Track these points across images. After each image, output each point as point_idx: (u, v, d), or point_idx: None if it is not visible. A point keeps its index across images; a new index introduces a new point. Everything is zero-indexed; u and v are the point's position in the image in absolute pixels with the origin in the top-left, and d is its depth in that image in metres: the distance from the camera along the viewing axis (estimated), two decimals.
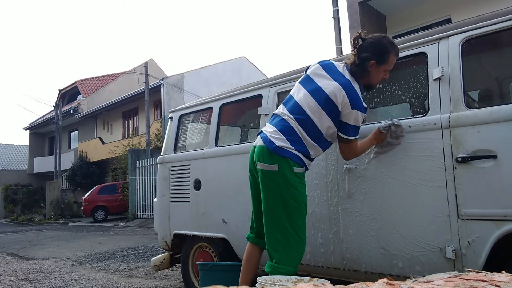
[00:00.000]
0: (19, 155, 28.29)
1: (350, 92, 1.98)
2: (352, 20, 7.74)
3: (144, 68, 16.00)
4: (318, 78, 2.09)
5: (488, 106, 1.92)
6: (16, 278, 4.52)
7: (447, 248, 1.91)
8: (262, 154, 2.04)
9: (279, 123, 2.07)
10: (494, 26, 1.90)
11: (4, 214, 22.56)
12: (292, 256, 1.99)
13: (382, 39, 2.05)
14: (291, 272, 1.99)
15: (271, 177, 2.01)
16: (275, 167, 1.99)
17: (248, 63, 20.02)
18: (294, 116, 2.04)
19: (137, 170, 13.67)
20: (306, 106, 2.04)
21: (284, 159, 1.99)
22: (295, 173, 2.00)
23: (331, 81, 2.03)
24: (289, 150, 1.99)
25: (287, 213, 1.99)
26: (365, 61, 2.03)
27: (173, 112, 3.73)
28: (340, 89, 1.98)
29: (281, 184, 1.98)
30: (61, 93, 24.82)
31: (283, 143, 2.00)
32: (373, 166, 2.21)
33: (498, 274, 1.06)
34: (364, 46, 2.05)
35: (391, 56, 2.04)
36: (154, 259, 3.63)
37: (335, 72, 2.08)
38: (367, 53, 2.02)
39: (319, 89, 2.04)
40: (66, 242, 8.65)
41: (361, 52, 2.05)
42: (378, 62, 2.03)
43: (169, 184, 3.51)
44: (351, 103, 1.96)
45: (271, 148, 2.00)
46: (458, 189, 1.90)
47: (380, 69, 2.05)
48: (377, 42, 2.04)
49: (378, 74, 2.07)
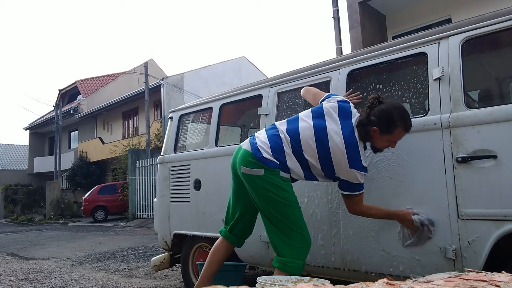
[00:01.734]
0: (19, 155, 28.28)
1: (351, 151, 1.94)
2: (352, 20, 7.74)
3: (144, 68, 16.00)
4: (330, 117, 2.04)
5: (488, 106, 1.92)
6: (16, 278, 4.52)
7: (447, 248, 1.91)
8: (248, 159, 2.06)
9: (272, 138, 2.07)
10: (494, 26, 1.90)
11: (4, 214, 22.56)
12: (298, 250, 2.01)
13: (393, 110, 1.95)
14: (300, 266, 2.00)
15: (258, 181, 2.03)
16: (261, 171, 2.01)
17: (248, 63, 20.01)
18: (291, 141, 2.03)
19: (137, 170, 13.67)
20: (303, 141, 2.02)
21: (267, 167, 2.02)
22: (281, 176, 2.03)
23: (338, 130, 1.98)
24: (274, 161, 2.02)
25: (282, 212, 2.02)
26: (369, 125, 1.97)
27: (173, 112, 3.73)
28: (342, 143, 1.95)
29: (269, 186, 2.01)
30: (61, 93, 24.81)
31: (269, 157, 2.02)
32: (373, 167, 2.21)
33: (498, 274, 1.06)
34: (375, 110, 1.99)
35: (398, 129, 1.95)
36: (154, 259, 3.63)
37: (346, 122, 2.01)
38: (375, 118, 1.97)
39: (324, 131, 1.99)
40: (66, 242, 8.65)
41: (371, 114, 1.99)
42: (382, 131, 1.96)
43: (169, 184, 3.51)
44: (349, 161, 1.93)
45: (256, 157, 2.03)
46: (458, 189, 1.90)
47: (384, 138, 1.98)
48: (388, 112, 1.96)
49: (381, 142, 2.01)
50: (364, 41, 7.41)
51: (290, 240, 2.00)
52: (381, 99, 2.02)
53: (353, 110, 2.07)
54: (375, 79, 2.59)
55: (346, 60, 2.49)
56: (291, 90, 2.78)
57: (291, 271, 1.97)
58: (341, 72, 2.47)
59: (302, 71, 2.73)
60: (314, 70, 2.64)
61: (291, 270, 1.97)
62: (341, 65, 2.49)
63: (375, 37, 7.66)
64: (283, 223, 2.01)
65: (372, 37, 7.61)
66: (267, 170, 2.00)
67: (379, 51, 2.33)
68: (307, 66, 2.76)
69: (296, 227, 2.02)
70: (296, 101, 2.88)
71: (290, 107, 2.88)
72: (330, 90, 2.49)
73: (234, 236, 2.34)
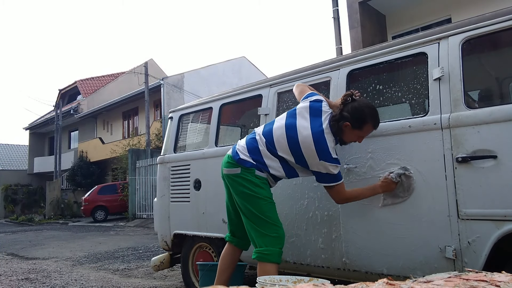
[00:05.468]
0: (19, 155, 28.28)
1: (319, 143, 2.07)
2: (352, 20, 7.74)
3: (144, 68, 15.99)
4: (301, 116, 2.19)
5: (488, 106, 1.92)
6: (16, 278, 4.52)
7: (447, 248, 1.91)
8: (228, 161, 2.30)
9: (249, 142, 2.28)
10: (494, 26, 1.90)
11: (4, 214, 22.55)
12: (272, 239, 2.15)
13: (365, 108, 2.11)
14: (276, 252, 2.13)
15: (236, 179, 2.24)
16: (238, 170, 2.23)
17: (248, 63, 20.01)
18: (265, 141, 2.22)
19: (137, 170, 13.66)
20: (276, 140, 2.19)
21: (244, 166, 2.22)
22: (256, 175, 2.20)
23: (307, 126, 2.13)
24: (250, 161, 2.21)
25: (256, 206, 2.18)
26: (341, 120, 2.11)
27: (173, 112, 3.73)
28: (310, 138, 2.09)
29: (245, 183, 2.20)
30: (61, 93, 24.81)
31: (245, 158, 2.22)
32: (373, 167, 2.21)
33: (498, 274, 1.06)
34: (348, 107, 2.13)
35: (368, 125, 2.11)
36: (154, 259, 3.63)
37: (316, 119, 2.15)
38: (347, 114, 2.10)
39: (294, 130, 2.15)
40: (66, 242, 8.65)
41: (344, 110, 2.13)
42: (353, 126, 2.10)
43: (169, 184, 3.51)
44: (318, 154, 2.06)
45: (235, 159, 2.25)
46: (458, 189, 1.90)
47: (354, 133, 2.13)
48: (360, 109, 2.10)
49: (351, 136, 2.16)
50: (364, 41, 7.41)
51: (264, 231, 2.16)
52: (355, 96, 2.15)
53: (324, 108, 2.20)
54: (375, 79, 2.59)
55: (346, 60, 2.49)
56: (291, 90, 2.78)
57: (269, 259, 2.11)
58: (341, 72, 2.47)
59: (302, 71, 2.73)
60: (314, 70, 2.65)
61: (268, 258, 2.11)
62: (341, 65, 2.49)
63: (375, 37, 7.66)
64: (258, 217, 2.17)
65: (372, 37, 7.61)
66: (243, 169, 2.21)
67: (379, 51, 2.33)
68: (307, 66, 2.76)
69: (270, 219, 2.17)
70: (296, 101, 2.88)
71: (290, 107, 2.87)
72: (330, 90, 2.50)
73: (237, 239, 2.45)
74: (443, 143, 1.96)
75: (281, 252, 2.17)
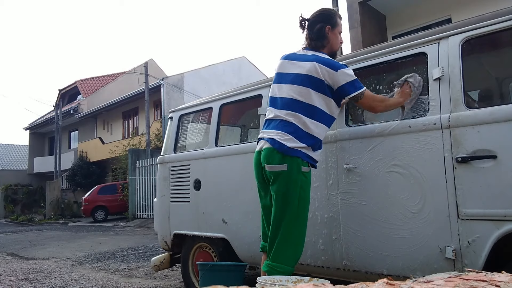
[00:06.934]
0: (19, 155, 28.28)
1: (324, 60, 2.08)
2: (352, 20, 7.74)
3: (144, 68, 15.99)
4: (290, 68, 2.18)
5: (488, 106, 1.92)
6: (16, 278, 4.52)
7: (447, 248, 1.91)
8: (271, 156, 2.04)
9: (279, 125, 2.07)
10: (494, 26, 1.90)
11: (4, 214, 22.54)
12: (289, 255, 2.01)
13: (324, 10, 2.25)
14: (288, 271, 1.99)
15: (280, 177, 2.02)
16: (284, 167, 2.00)
17: (248, 63, 20.01)
18: (289, 111, 2.07)
19: (137, 170, 13.66)
20: (294, 94, 2.09)
21: (294, 159, 2.01)
22: (302, 172, 2.03)
23: (301, 63, 2.13)
24: (300, 150, 2.02)
25: (293, 212, 2.01)
26: (321, 30, 2.17)
27: (173, 112, 3.73)
28: (314, 64, 2.07)
29: (289, 183, 2.00)
30: (61, 93, 24.81)
31: (293, 143, 2.01)
32: (373, 167, 2.21)
33: (498, 274, 1.06)
34: (312, 21, 2.21)
35: (337, 19, 2.23)
36: (154, 259, 3.63)
37: (300, 57, 2.18)
38: (320, 24, 2.18)
39: (297, 75, 2.12)
40: (66, 242, 8.65)
41: (312, 27, 2.20)
42: (332, 26, 2.19)
43: (169, 184, 3.51)
44: (331, 67, 2.06)
45: (282, 150, 2.00)
46: (458, 189, 1.90)
47: (335, 32, 2.21)
48: (323, 12, 2.23)
49: (336, 38, 2.22)
50: (364, 41, 7.41)
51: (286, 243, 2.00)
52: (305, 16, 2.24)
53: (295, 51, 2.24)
54: (375, 79, 2.59)
55: (345, 60, 2.49)
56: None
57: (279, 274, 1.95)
58: None
59: None
60: None
61: (278, 274, 1.96)
62: None
63: (375, 37, 7.65)
64: (288, 225, 2.00)
65: (372, 37, 7.61)
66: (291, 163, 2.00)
67: (379, 51, 2.33)
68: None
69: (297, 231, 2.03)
70: None
71: None
72: None
73: None
74: (443, 143, 1.96)
75: (293, 271, 2.04)
